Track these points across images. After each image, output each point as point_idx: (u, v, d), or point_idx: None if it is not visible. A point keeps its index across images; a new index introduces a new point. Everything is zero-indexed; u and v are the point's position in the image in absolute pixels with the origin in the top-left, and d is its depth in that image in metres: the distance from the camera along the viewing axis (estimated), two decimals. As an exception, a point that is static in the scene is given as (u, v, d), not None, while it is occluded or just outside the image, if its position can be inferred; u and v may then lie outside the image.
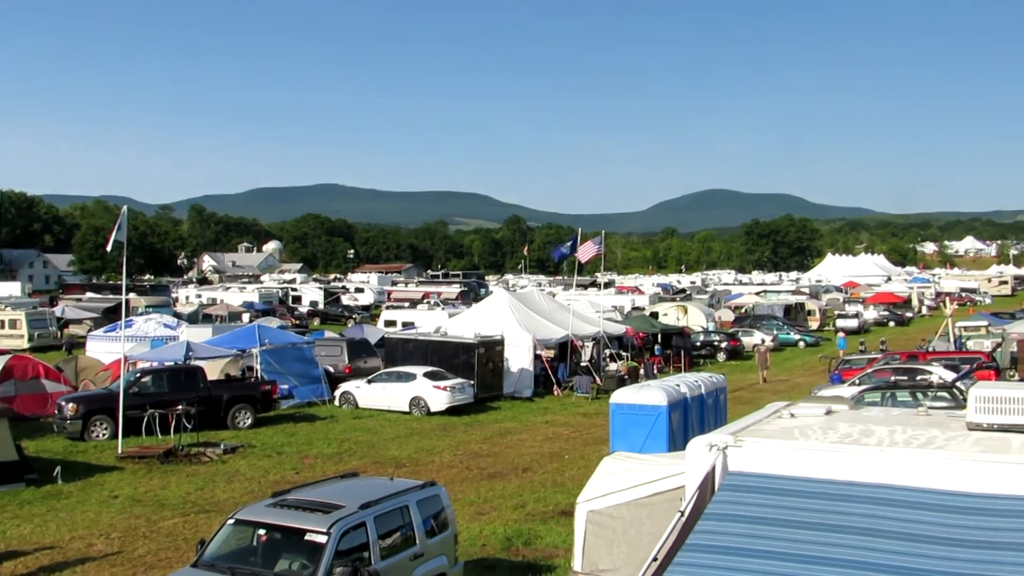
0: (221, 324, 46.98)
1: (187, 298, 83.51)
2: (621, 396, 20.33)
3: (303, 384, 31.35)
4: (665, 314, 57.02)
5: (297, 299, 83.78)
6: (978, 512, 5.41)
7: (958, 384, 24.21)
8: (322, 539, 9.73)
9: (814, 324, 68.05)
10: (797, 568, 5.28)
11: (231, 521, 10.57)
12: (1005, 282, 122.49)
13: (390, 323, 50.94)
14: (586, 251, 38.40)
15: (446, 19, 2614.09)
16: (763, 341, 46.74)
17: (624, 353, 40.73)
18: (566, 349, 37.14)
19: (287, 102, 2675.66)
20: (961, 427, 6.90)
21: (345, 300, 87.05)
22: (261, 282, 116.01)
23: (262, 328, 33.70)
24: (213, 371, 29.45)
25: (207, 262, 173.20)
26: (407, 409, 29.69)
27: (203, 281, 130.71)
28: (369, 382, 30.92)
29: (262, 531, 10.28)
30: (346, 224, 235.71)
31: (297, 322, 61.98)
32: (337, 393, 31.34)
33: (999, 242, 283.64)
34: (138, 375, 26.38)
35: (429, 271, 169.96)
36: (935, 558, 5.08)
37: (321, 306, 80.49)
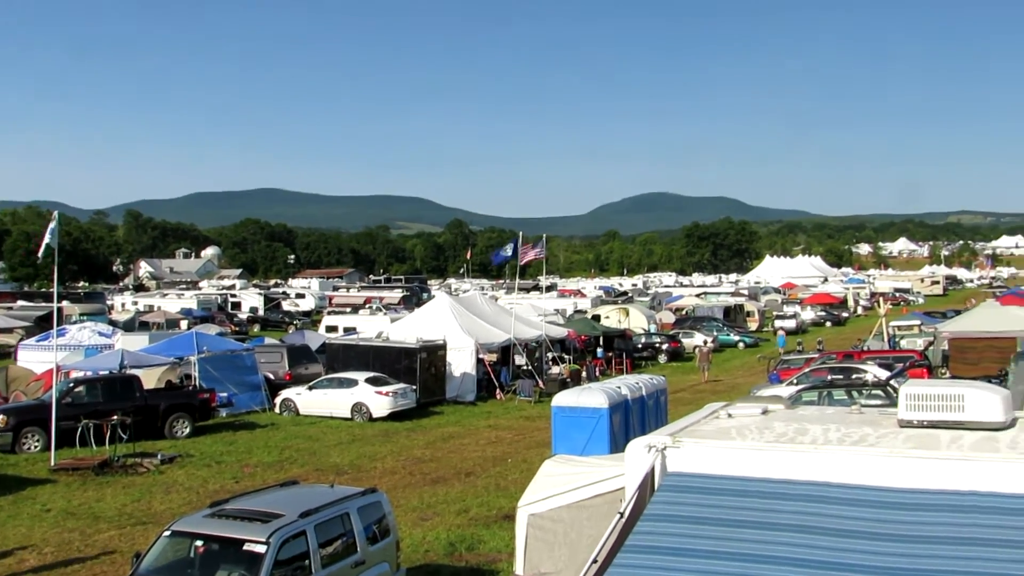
0: (158, 332, 46.09)
1: (123, 305, 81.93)
2: (562, 399, 20.43)
3: (243, 392, 30.93)
4: (607, 316, 57.41)
5: (237, 305, 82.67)
6: (909, 507, 5.51)
7: (892, 382, 24.70)
8: (261, 549, 9.59)
9: (753, 325, 69.08)
10: (735, 566, 5.33)
11: (167, 533, 10.38)
12: (937, 282, 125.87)
13: (331, 328, 50.54)
14: (527, 254, 38.56)
15: (384, 23, 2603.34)
16: (705, 342, 47.36)
17: (566, 356, 40.92)
18: (508, 353, 37.17)
19: (226, 105, 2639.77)
20: (893, 424, 7.02)
21: (286, 306, 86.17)
22: (199, 288, 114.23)
23: (200, 335, 33.20)
24: (150, 380, 28.91)
25: (143, 268, 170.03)
26: (349, 415, 29.46)
27: (139, 288, 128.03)
28: (310, 388, 30.63)
29: (199, 542, 10.10)
30: (286, 229, 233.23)
31: (237, 329, 61.16)
32: (277, 400, 30.99)
33: (931, 243, 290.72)
34: (71, 385, 25.78)
35: (371, 276, 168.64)
36: (869, 553, 5.17)
37: (261, 312, 79.54)
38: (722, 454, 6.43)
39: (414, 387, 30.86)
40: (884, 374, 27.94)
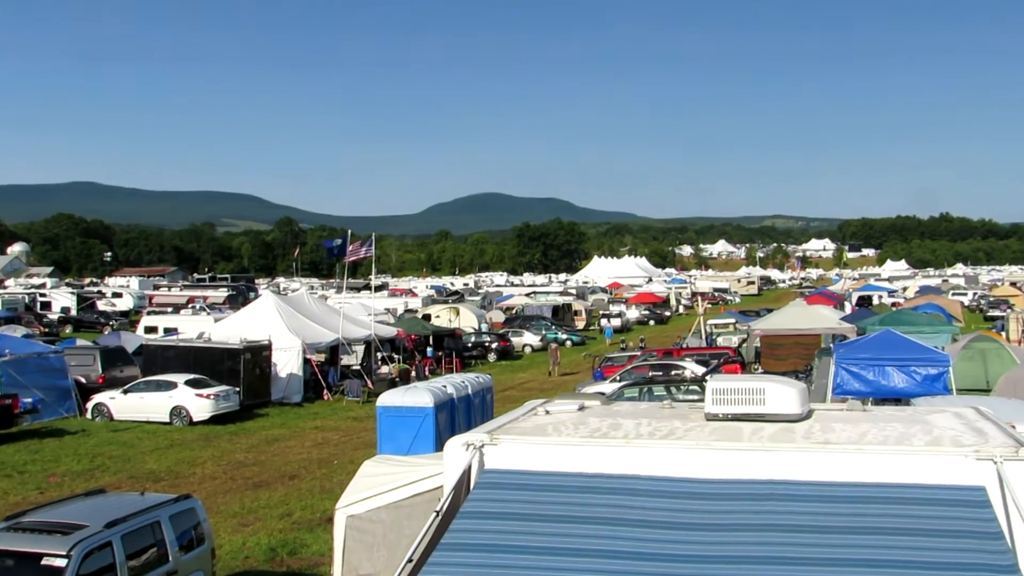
0: (-45, 334, 43.00)
1: (-84, 306, 75.98)
2: (388, 399, 20.32)
3: (50, 397, 29.21)
4: (437, 316, 57.57)
5: (47, 305, 78.26)
6: (712, 497, 5.72)
7: (707, 378, 25.78)
8: (61, 563, 9.05)
9: (580, 324, 70.76)
10: (546, 560, 5.39)
11: (-45, 550, 9.63)
12: (752, 282, 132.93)
13: (151, 329, 48.44)
14: (354, 253, 38.12)
15: (215, 15, 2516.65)
16: (556, 339, 48.58)
17: (396, 355, 40.72)
18: (336, 353, 36.65)
19: (35, 89, 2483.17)
20: (700, 418, 7.28)
21: (101, 305, 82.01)
22: (4, 287, 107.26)
23: (2, 337, 31.13)
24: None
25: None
26: (167, 419, 28.32)
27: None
28: (125, 392, 29.24)
29: (-8, 558, 9.44)
30: (103, 225, 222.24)
31: (46, 330, 57.81)
32: (89, 405, 29.44)
33: (747, 245, 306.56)
34: None
35: (195, 274, 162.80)
36: (672, 542, 5.33)
37: (74, 312, 75.58)
38: (538, 450, 6.49)
39: (237, 389, 29.98)
40: (701, 370, 29.15)
